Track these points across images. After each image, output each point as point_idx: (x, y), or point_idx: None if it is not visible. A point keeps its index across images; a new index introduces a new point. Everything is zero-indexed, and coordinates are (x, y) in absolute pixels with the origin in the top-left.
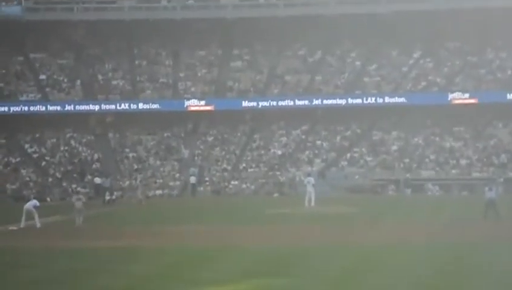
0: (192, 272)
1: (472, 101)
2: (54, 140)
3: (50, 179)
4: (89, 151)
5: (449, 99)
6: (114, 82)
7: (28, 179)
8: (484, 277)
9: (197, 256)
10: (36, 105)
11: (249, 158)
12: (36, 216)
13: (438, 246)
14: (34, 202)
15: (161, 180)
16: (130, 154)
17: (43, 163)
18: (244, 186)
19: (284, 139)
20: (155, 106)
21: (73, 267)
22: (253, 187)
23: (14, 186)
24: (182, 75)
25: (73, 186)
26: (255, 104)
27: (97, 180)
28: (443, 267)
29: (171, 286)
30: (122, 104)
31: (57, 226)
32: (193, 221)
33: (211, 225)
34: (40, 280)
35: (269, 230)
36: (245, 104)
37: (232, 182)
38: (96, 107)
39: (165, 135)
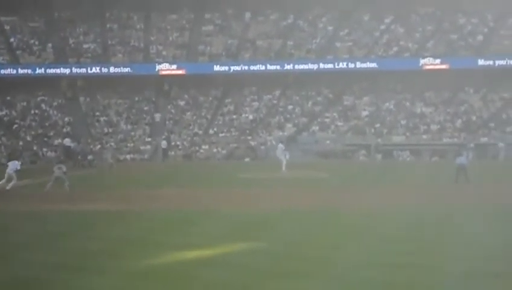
0: (168, 236)
1: (443, 66)
2: (25, 103)
3: (21, 143)
4: (59, 114)
5: (420, 64)
6: (85, 46)
7: None
8: (457, 239)
9: (171, 220)
10: (7, 68)
11: (220, 123)
12: (13, 181)
13: (410, 210)
14: (16, 163)
15: (132, 145)
16: (101, 118)
17: (14, 126)
18: (215, 150)
19: (255, 103)
20: (126, 70)
21: (48, 230)
22: (224, 152)
23: None
24: (153, 38)
25: (44, 150)
26: (226, 68)
27: (67, 141)
28: (416, 231)
29: (148, 250)
30: (93, 68)
31: (28, 190)
32: (165, 185)
33: (184, 189)
34: (13, 243)
35: (242, 194)
36: (216, 68)
37: (203, 147)
38: (67, 71)
39: (136, 98)
